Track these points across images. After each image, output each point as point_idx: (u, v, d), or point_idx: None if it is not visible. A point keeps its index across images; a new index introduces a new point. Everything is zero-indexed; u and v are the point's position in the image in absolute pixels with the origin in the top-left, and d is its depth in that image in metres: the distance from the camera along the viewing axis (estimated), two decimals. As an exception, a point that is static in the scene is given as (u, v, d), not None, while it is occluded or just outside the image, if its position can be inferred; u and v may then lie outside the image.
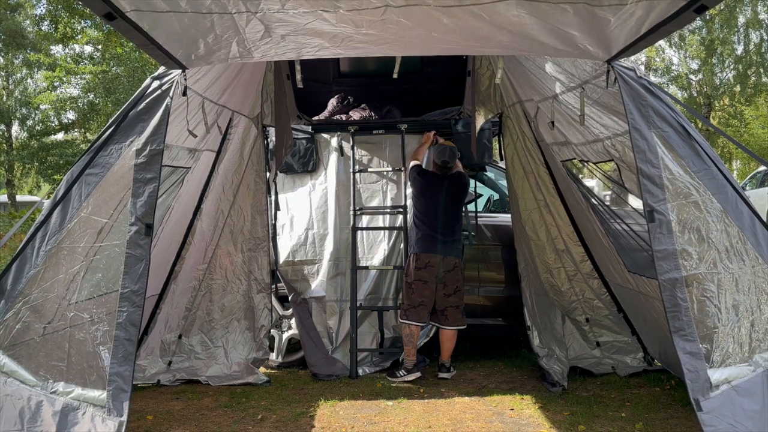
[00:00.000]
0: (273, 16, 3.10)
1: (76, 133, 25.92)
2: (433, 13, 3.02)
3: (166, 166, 4.21)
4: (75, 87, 24.02)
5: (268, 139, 5.73)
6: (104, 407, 3.25)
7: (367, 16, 3.10)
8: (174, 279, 5.36)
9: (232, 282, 5.52)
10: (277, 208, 5.81)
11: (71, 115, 24.52)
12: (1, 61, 26.36)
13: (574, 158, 4.86)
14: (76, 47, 24.11)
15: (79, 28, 21.58)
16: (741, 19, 23.91)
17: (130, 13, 2.78)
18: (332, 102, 5.94)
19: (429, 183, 5.42)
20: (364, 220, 5.79)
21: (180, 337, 5.40)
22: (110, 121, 3.56)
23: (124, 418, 3.22)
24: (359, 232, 5.72)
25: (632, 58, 3.57)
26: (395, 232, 5.77)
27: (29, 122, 25.90)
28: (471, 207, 5.98)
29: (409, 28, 3.20)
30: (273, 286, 5.68)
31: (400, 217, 5.75)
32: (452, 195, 5.41)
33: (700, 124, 18.57)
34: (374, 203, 5.85)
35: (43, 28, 24.02)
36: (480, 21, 3.10)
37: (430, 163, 5.64)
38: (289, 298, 5.66)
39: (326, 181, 5.87)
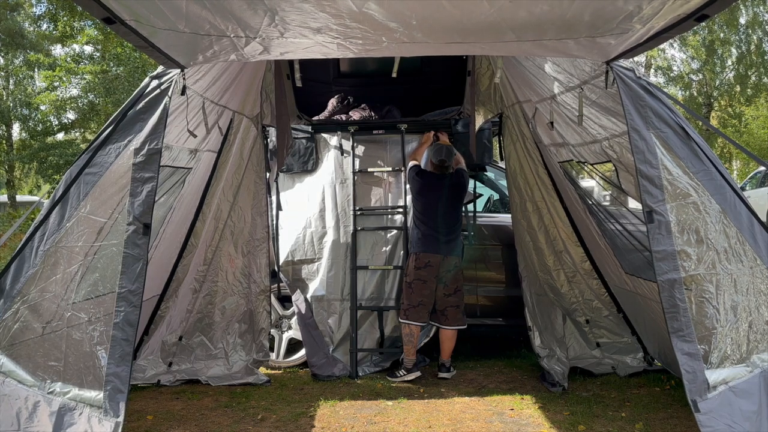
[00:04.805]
0: (272, 42, 3.12)
1: (76, 134, 25.89)
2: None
3: (166, 166, 4.21)
4: (75, 87, 24.01)
5: (268, 139, 5.73)
6: (101, 408, 3.24)
7: (368, 46, 3.20)
8: (175, 280, 5.36)
9: (232, 284, 5.51)
10: (279, 208, 5.82)
11: (71, 116, 24.51)
12: (1, 61, 26.33)
13: (572, 159, 4.85)
14: (76, 47, 24.12)
15: (78, 26, 21.56)
16: (741, 20, 23.90)
17: (129, 21, 2.78)
18: (332, 102, 5.94)
19: (427, 183, 5.41)
20: (364, 220, 5.79)
21: (180, 338, 5.40)
22: (109, 120, 3.56)
23: (121, 418, 3.21)
24: (359, 231, 5.72)
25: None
26: (395, 232, 5.76)
27: (30, 123, 25.88)
28: (479, 206, 5.97)
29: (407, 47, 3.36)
30: (275, 285, 5.68)
31: (400, 217, 5.75)
32: (451, 194, 5.39)
33: (699, 124, 18.54)
34: (374, 203, 5.84)
35: (42, 28, 23.98)
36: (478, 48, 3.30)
37: (428, 163, 5.63)
38: (291, 297, 5.66)
39: (326, 180, 5.87)
